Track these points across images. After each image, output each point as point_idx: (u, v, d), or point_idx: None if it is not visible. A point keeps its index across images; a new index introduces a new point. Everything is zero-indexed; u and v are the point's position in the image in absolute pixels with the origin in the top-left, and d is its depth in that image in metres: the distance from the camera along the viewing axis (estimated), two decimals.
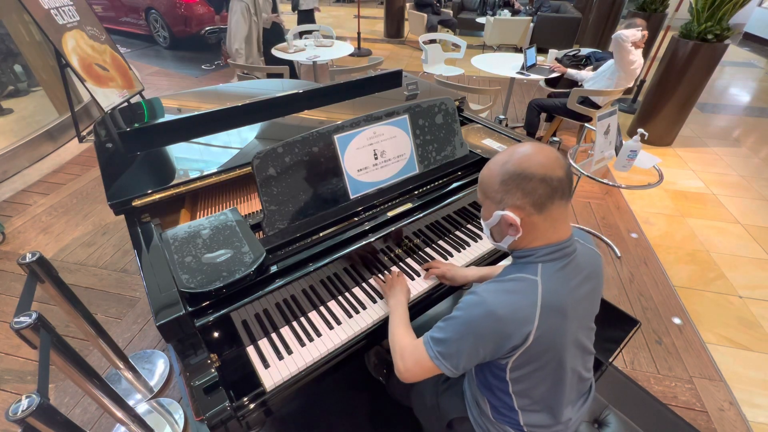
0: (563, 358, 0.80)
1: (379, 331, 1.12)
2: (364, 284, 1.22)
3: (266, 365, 0.99)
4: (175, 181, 1.14)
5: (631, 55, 2.86)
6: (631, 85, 3.09)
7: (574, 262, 0.80)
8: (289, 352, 1.02)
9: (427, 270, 1.25)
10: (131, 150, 1.34)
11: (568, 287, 0.78)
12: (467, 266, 1.31)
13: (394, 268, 1.27)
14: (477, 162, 1.45)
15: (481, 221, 0.88)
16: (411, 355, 0.86)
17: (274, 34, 4.32)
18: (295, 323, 1.10)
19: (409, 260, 1.31)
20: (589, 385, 0.98)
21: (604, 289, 2.18)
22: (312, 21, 5.42)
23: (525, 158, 0.75)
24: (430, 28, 6.77)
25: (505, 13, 6.83)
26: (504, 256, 1.42)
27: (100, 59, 3.61)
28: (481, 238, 1.40)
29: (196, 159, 1.30)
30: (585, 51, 4.03)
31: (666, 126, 3.76)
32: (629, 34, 2.78)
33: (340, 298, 1.18)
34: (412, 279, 1.24)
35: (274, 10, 4.32)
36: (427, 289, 1.22)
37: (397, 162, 1.27)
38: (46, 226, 2.64)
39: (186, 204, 1.26)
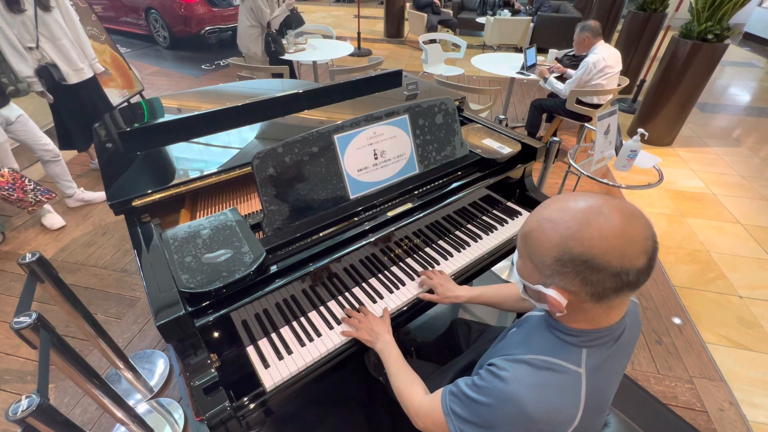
0: None
1: None
2: (364, 284, 1.22)
3: (266, 365, 0.99)
4: (175, 181, 1.14)
5: (583, 74, 3.00)
6: (619, 71, 3.09)
7: (622, 343, 0.66)
8: (289, 352, 1.02)
9: (423, 281, 1.20)
10: (131, 150, 1.34)
11: (613, 377, 0.66)
12: (467, 266, 1.31)
13: (355, 305, 1.16)
14: (477, 162, 1.45)
15: (515, 269, 0.71)
16: (428, 417, 0.76)
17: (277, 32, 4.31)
18: (295, 323, 1.10)
19: (409, 260, 1.31)
20: None
21: None
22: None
23: (601, 240, 0.55)
24: (430, 28, 6.77)
25: (505, 13, 6.83)
26: (503, 257, 1.41)
27: (100, 59, 3.60)
28: (481, 239, 1.40)
29: (196, 159, 1.30)
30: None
31: (666, 126, 3.76)
32: (549, 77, 3.20)
33: (340, 298, 1.18)
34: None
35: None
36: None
37: (397, 162, 1.27)
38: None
39: (186, 204, 1.26)
